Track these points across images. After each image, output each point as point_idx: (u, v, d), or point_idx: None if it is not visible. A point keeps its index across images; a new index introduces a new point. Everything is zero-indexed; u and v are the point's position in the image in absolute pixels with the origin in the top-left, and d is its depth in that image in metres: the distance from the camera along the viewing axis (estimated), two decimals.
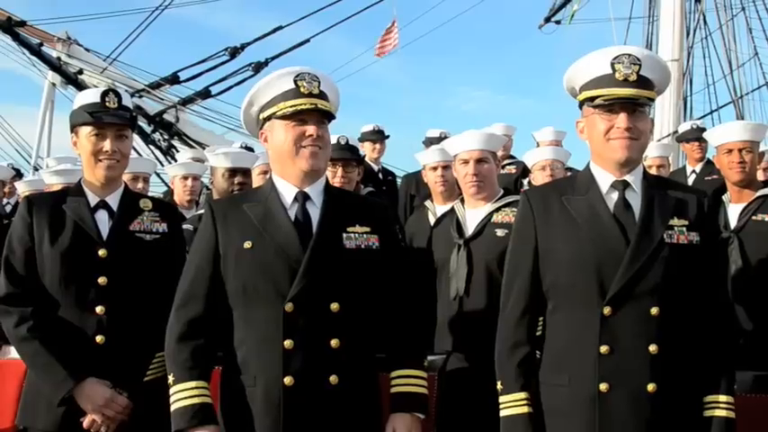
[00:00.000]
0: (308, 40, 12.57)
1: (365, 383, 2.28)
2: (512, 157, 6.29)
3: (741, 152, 3.53)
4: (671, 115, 12.89)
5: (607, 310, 2.14)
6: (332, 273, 2.21)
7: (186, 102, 12.78)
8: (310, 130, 2.26)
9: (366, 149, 6.28)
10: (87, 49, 12.96)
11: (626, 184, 2.24)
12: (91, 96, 2.65)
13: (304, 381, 2.15)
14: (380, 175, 6.38)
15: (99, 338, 2.54)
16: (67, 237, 2.57)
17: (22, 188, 5.41)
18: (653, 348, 2.12)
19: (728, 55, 16.47)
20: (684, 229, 2.20)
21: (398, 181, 6.61)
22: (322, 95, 2.31)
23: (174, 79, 12.63)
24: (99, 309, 2.54)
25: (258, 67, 12.46)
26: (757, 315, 3.33)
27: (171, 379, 2.25)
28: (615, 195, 2.24)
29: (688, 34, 14.91)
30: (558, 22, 17.83)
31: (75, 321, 2.54)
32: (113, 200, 2.68)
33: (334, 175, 3.84)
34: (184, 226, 3.71)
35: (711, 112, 16.57)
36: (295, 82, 2.29)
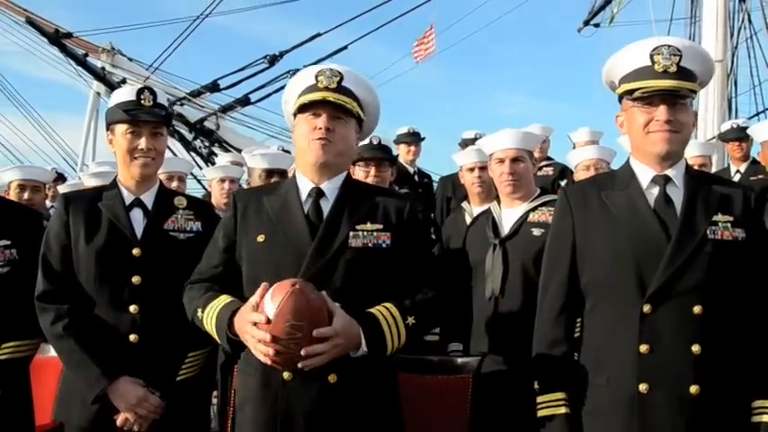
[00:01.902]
0: (345, 47, 12.62)
1: (368, 381, 2.21)
2: (549, 158, 6.20)
3: None
4: (715, 117, 12.68)
5: (647, 308, 2.06)
6: (333, 270, 2.17)
7: (226, 109, 13.03)
8: (320, 122, 2.24)
9: (401, 152, 6.28)
10: (130, 59, 13.25)
11: (667, 179, 2.16)
12: (126, 94, 2.65)
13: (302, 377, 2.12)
14: (416, 178, 6.33)
15: (132, 337, 2.53)
16: (102, 235, 2.57)
17: (65, 191, 5.48)
18: (696, 349, 2.04)
19: None
20: (729, 225, 2.11)
21: (434, 184, 6.57)
22: (341, 90, 2.28)
23: (214, 87, 12.91)
24: (132, 308, 2.54)
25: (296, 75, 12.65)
26: None
27: (199, 313, 2.25)
28: (656, 190, 2.17)
29: (732, 35, 14.65)
30: (597, 26, 17.65)
31: (109, 320, 2.54)
32: (148, 198, 2.68)
33: (367, 175, 3.80)
34: None
35: (757, 114, 16.31)
36: (315, 77, 2.29)
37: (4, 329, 2.67)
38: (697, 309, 2.05)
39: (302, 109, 2.29)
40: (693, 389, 2.03)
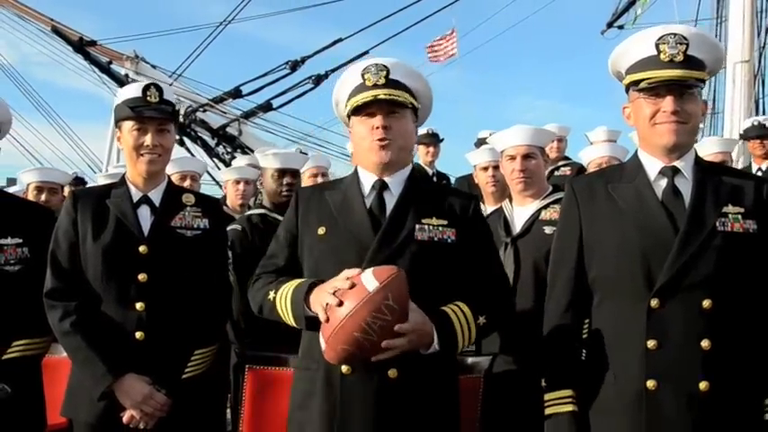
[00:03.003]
0: (366, 52, 12.66)
1: (429, 379, 2.21)
2: (566, 158, 6.15)
3: None
4: (741, 118, 12.49)
5: (655, 303, 2.03)
6: (400, 261, 2.15)
7: (248, 115, 13.19)
8: (376, 122, 2.25)
9: (420, 153, 6.26)
10: (154, 66, 13.45)
11: (675, 171, 2.12)
12: (133, 91, 2.66)
13: (362, 371, 2.14)
14: (435, 179, 6.30)
15: (138, 335, 2.53)
16: (110, 233, 2.58)
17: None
18: (705, 344, 1.99)
19: None
20: (740, 216, 2.06)
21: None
22: (391, 84, 2.27)
23: (236, 93, 13.06)
24: (139, 305, 2.54)
25: (318, 80, 12.76)
26: None
27: (271, 295, 2.28)
28: (664, 182, 2.13)
29: (759, 34, 14.43)
30: (620, 27, 17.51)
31: (115, 317, 2.54)
32: (156, 195, 2.68)
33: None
34: (232, 226, 3.74)
35: None
36: (362, 75, 2.28)
37: (16, 327, 2.68)
38: (706, 303, 2.00)
39: (356, 111, 2.29)
40: (703, 385, 1.99)
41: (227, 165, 12.83)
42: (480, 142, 6.14)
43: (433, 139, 6.37)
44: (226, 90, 13.19)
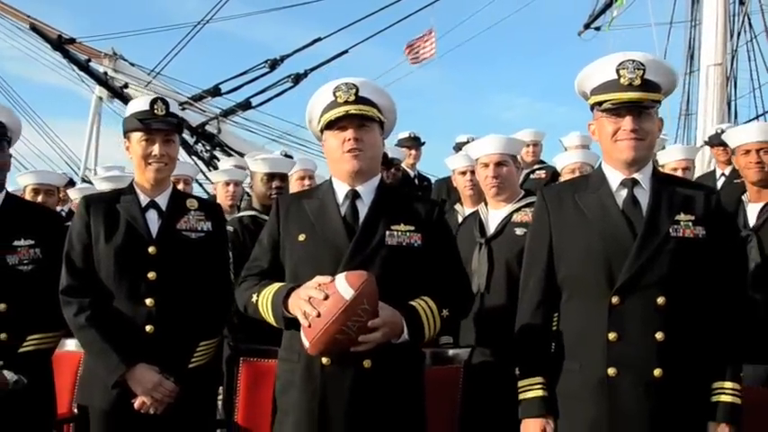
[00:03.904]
0: (346, 51, 12.81)
1: (399, 367, 2.45)
2: (542, 162, 6.43)
3: (759, 152, 3.65)
4: (714, 121, 12.79)
5: (615, 300, 2.28)
6: (373, 265, 2.37)
7: (227, 113, 13.19)
8: (348, 135, 2.48)
9: (403, 153, 6.47)
10: (132, 64, 13.51)
11: (634, 182, 2.38)
12: (141, 104, 2.88)
13: (338, 361, 2.38)
14: (416, 181, 6.57)
15: (148, 328, 2.75)
16: (121, 235, 2.80)
17: (75, 195, 5.73)
18: (659, 336, 2.25)
19: None
20: (690, 223, 2.32)
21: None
22: (360, 100, 2.50)
23: (215, 91, 13.00)
24: (148, 301, 2.76)
25: (297, 79, 12.71)
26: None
27: (254, 298, 2.51)
28: (624, 192, 2.38)
29: (731, 37, 14.79)
30: (597, 29, 17.76)
31: (127, 312, 2.76)
32: (162, 200, 2.90)
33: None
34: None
35: (757, 117, 16.46)
36: (334, 93, 2.51)
37: (30, 323, 2.88)
38: (660, 300, 2.26)
39: (329, 125, 2.52)
40: (657, 372, 2.24)
41: (206, 162, 12.92)
42: (458, 146, 6.42)
43: (415, 143, 6.63)
44: (205, 88, 13.17)
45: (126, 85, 13.00)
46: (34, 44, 12.95)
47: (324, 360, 2.37)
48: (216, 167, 12.52)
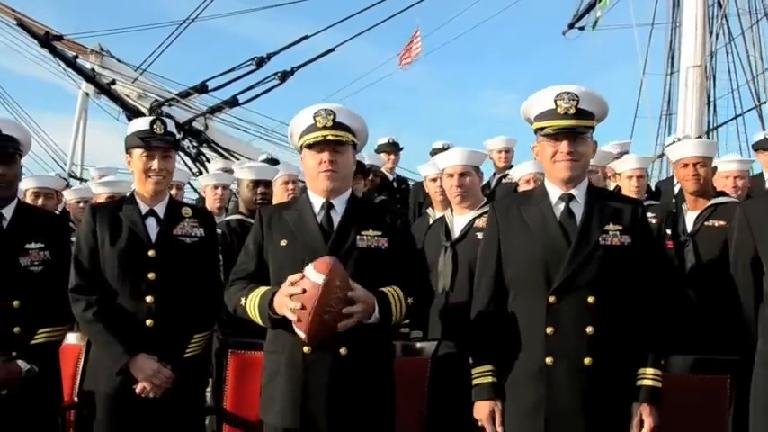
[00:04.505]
0: (332, 50, 12.77)
1: (372, 354, 2.84)
2: (512, 167, 6.87)
3: (696, 166, 4.11)
4: (694, 121, 13.20)
5: (552, 299, 2.69)
6: (347, 264, 2.74)
7: (214, 110, 13.18)
8: (324, 157, 2.86)
9: (382, 160, 6.90)
10: (119, 60, 13.51)
11: (571, 197, 2.79)
12: (142, 124, 3.28)
13: (318, 350, 2.76)
14: (395, 184, 6.99)
15: (148, 322, 3.15)
16: (123, 239, 3.20)
17: (69, 196, 6.04)
18: (589, 330, 2.66)
19: (749, 60, 16.79)
20: (618, 233, 2.74)
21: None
22: (337, 126, 2.85)
23: (202, 88, 12.97)
24: (148, 298, 3.15)
25: (284, 76, 12.62)
26: (708, 307, 3.85)
27: (242, 301, 2.85)
28: (562, 206, 2.80)
29: (711, 38, 15.18)
30: (581, 29, 17.99)
31: (129, 308, 3.15)
32: (160, 208, 3.30)
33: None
34: None
35: (736, 117, 16.97)
36: (314, 117, 2.88)
37: (41, 318, 3.28)
38: (590, 299, 2.67)
39: (308, 146, 2.88)
40: (587, 361, 2.65)
41: (193, 159, 13.18)
42: (434, 151, 6.85)
43: (394, 148, 7.06)
44: (192, 85, 13.02)
45: (113, 82, 13.07)
46: (17, 37, 12.85)
47: (305, 349, 2.76)
48: (202, 163, 12.81)
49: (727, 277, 3.13)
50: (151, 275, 3.19)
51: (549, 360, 2.70)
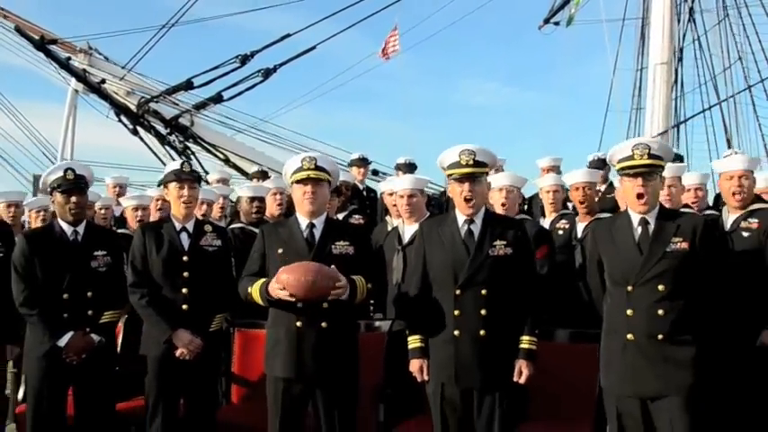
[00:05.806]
0: (314, 47, 13.50)
1: (343, 327, 4.16)
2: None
3: (584, 189, 5.63)
4: (660, 116, 14.40)
5: (458, 292, 4.01)
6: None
7: (200, 106, 14.02)
8: (307, 189, 4.23)
9: (353, 172, 8.36)
10: (106, 58, 14.36)
11: (471, 221, 4.19)
12: (175, 165, 4.81)
13: (307, 324, 4.13)
14: (365, 193, 8.45)
15: (184, 307, 4.59)
16: (165, 249, 4.68)
17: (126, 203, 6.90)
18: (483, 312, 3.98)
19: (711, 59, 18.12)
20: (503, 246, 4.11)
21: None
22: (318, 168, 4.17)
23: (188, 85, 13.75)
24: (184, 290, 4.60)
25: (267, 73, 13.42)
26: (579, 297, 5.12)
27: (249, 290, 4.18)
28: (465, 227, 4.20)
29: (679, 32, 16.24)
30: (556, 24, 18.92)
31: (170, 297, 4.60)
32: (190, 226, 4.78)
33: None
34: None
35: (702, 111, 17.98)
36: (301, 162, 4.21)
37: (106, 304, 4.77)
38: (483, 291, 4.00)
39: (297, 182, 4.18)
40: (482, 333, 3.98)
41: (179, 153, 13.77)
42: (398, 166, 8.30)
43: (363, 162, 8.55)
44: (178, 82, 13.70)
45: (103, 81, 13.75)
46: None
47: (298, 323, 4.10)
48: (188, 158, 13.52)
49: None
50: (185, 274, 4.64)
51: (456, 332, 4.00)
